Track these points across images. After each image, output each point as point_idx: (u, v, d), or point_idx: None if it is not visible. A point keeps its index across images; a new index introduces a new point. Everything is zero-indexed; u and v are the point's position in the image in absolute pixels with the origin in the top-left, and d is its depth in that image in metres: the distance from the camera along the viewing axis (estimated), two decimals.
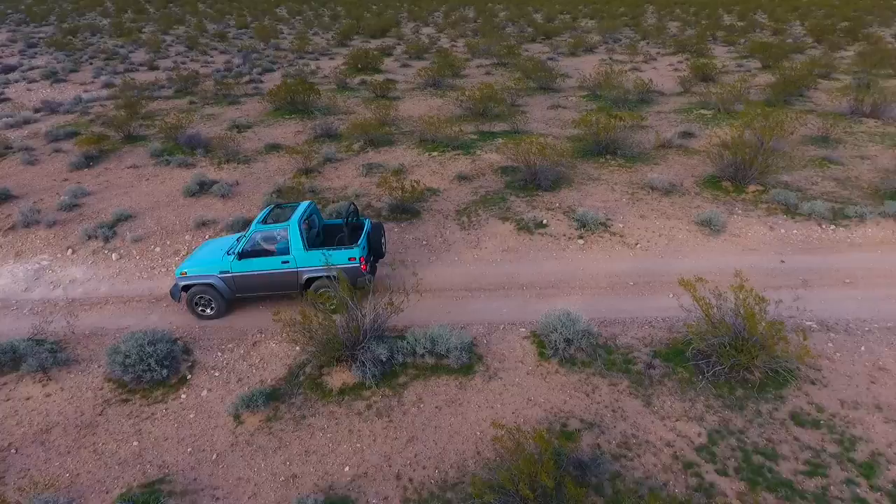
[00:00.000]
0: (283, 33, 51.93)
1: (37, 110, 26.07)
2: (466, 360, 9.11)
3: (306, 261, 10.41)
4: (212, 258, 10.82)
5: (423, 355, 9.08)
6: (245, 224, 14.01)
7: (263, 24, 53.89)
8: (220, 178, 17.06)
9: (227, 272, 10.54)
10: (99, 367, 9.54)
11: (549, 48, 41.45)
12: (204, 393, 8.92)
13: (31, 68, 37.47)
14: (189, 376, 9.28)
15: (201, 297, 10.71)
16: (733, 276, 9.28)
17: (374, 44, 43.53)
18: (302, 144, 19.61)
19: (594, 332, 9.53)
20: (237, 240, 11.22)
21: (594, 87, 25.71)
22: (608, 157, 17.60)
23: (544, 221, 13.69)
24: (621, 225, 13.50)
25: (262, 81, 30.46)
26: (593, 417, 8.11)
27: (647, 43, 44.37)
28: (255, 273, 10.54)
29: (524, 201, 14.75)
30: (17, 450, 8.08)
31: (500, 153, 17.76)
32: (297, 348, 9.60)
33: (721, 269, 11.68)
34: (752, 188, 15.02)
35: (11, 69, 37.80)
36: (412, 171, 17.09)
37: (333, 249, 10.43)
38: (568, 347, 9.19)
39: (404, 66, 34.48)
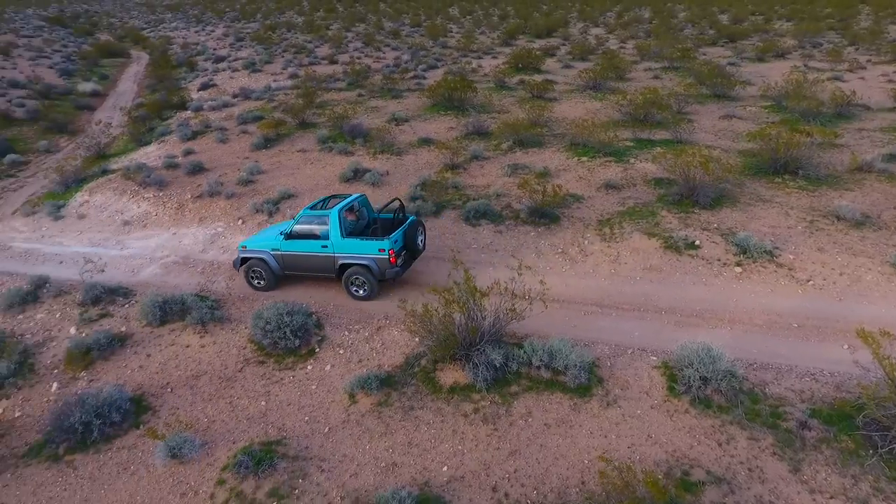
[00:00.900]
0: (451, 32, 53.69)
1: (234, 95, 29.87)
2: (585, 381, 8.53)
3: (342, 248, 11.06)
4: (268, 237, 11.91)
5: (539, 367, 8.69)
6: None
7: (435, 23, 56.19)
8: (373, 167, 18.03)
9: (278, 250, 11.58)
10: (245, 328, 10.57)
11: (731, 52, 37.67)
12: (328, 367, 9.45)
13: (236, 59, 43.10)
14: (317, 350, 9.90)
15: (255, 270, 11.84)
16: None
17: (538, 44, 43.12)
18: (452, 140, 20.01)
19: (738, 375, 8.36)
20: None
21: (780, 96, 22.76)
22: (786, 177, 15.42)
23: (697, 242, 12.38)
24: (791, 256, 11.73)
25: (424, 77, 31.70)
26: (723, 472, 7.10)
27: (857, 49, 38.30)
28: (299, 254, 11.45)
29: (676, 218, 13.49)
30: (172, 389, 9.26)
31: (656, 163, 16.48)
32: (417, 339, 9.76)
33: None
34: None
35: (222, 59, 43.85)
36: (557, 174, 16.56)
37: (366, 240, 10.98)
38: (704, 387, 8.18)
39: (566, 66, 33.64)
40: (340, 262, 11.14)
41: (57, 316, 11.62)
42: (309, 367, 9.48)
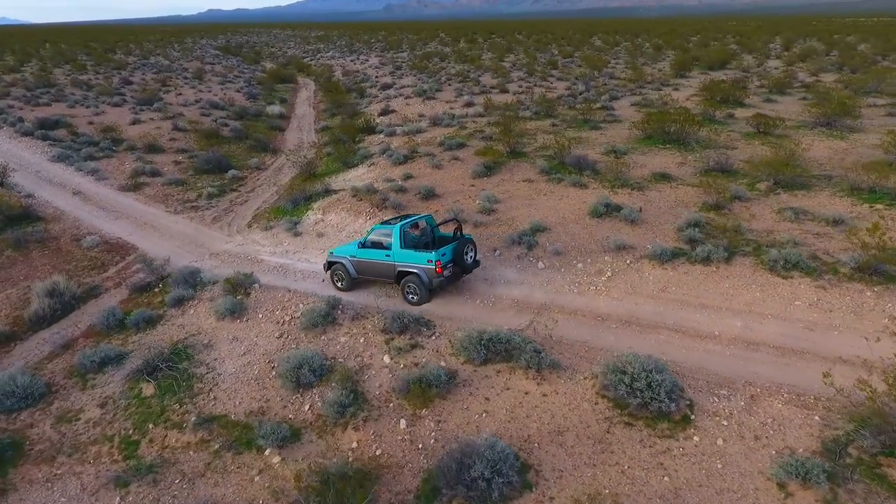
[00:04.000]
0: (610, 63, 52.34)
1: (421, 121, 30.25)
2: None
3: (401, 257, 12.71)
4: (349, 247, 13.74)
5: None
6: (672, 255, 13.38)
7: (589, 54, 55.18)
8: (620, 202, 16.81)
9: (354, 257, 13.37)
10: (584, 378, 9.50)
11: None
12: (719, 442, 8.08)
13: (403, 86, 44.41)
14: (692, 416, 8.59)
15: (337, 273, 13.62)
16: None
17: (714, 75, 40.63)
18: (697, 177, 18.42)
19: None
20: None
21: None
22: None
23: None
24: None
25: (613, 108, 30.46)
26: None
27: None
28: (368, 261, 13.19)
29: None
30: (538, 444, 8.31)
31: None
32: (816, 418, 8.19)
33: None
34: None
35: (388, 86, 45.38)
36: (855, 223, 14.41)
37: (418, 251, 12.53)
38: None
39: (768, 101, 31.04)
40: (398, 269, 12.79)
41: (361, 341, 11.28)
42: (696, 439, 8.16)
